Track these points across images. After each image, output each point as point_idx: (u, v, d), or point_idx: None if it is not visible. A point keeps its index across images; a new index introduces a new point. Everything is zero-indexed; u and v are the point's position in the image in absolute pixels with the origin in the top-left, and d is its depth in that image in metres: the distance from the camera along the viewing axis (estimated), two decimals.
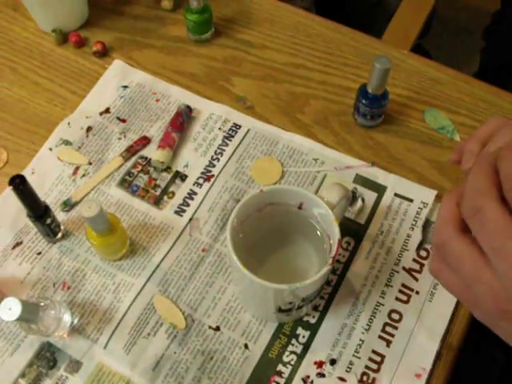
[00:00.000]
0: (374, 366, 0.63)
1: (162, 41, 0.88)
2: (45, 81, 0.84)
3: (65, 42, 0.88)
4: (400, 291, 0.67)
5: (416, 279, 0.68)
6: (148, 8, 0.92)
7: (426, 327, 0.65)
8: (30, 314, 0.57)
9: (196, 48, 0.87)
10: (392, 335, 0.65)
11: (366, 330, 0.65)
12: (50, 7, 0.85)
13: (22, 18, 0.91)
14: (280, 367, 0.63)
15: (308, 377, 0.62)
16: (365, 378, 0.62)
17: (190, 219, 0.72)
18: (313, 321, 0.66)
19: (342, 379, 0.62)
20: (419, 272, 0.68)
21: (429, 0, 1.07)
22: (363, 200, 0.73)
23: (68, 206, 0.73)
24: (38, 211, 0.64)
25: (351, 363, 0.63)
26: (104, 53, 0.86)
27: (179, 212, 0.72)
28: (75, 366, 0.63)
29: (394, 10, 1.11)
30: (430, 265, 0.39)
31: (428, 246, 0.70)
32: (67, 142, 0.78)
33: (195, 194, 0.74)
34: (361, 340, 0.64)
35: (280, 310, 0.61)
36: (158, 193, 0.74)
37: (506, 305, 0.34)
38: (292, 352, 0.64)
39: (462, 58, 1.75)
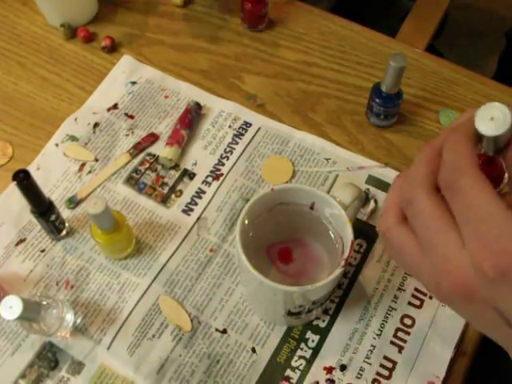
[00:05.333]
0: (386, 373, 0.61)
1: (172, 37, 0.87)
2: (52, 76, 0.83)
3: (73, 36, 0.86)
4: (413, 296, 0.65)
5: None
6: (158, 3, 0.90)
7: (439, 333, 0.63)
8: (32, 312, 0.56)
9: (207, 44, 0.86)
10: (404, 341, 0.63)
11: (377, 335, 0.63)
12: (59, 1, 0.84)
13: (31, 12, 0.90)
14: (288, 372, 0.61)
15: (317, 382, 0.60)
16: None
17: (198, 218, 0.70)
18: (323, 325, 0.64)
19: None
20: None
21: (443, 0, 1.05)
22: (376, 201, 0.71)
23: (73, 202, 0.71)
24: (42, 207, 0.63)
25: (362, 369, 0.61)
26: (113, 48, 0.85)
27: (187, 211, 0.71)
28: (77, 367, 0.61)
29: (408, 9, 1.09)
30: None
31: None
32: (74, 138, 0.76)
33: (203, 192, 0.72)
34: (372, 345, 0.62)
35: (289, 313, 0.59)
36: (165, 191, 0.72)
37: (443, 295, 0.36)
38: (301, 357, 0.62)
39: (474, 61, 1.72)
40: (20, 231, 0.69)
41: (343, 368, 0.61)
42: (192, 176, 0.73)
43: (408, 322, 0.64)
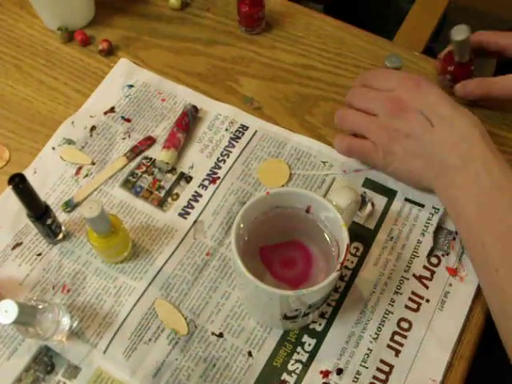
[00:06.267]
0: (382, 377, 0.61)
1: (169, 40, 0.87)
2: (49, 79, 0.83)
3: (70, 40, 0.86)
4: (410, 299, 0.65)
5: (426, 287, 0.66)
6: (155, 7, 0.91)
7: (436, 336, 0.63)
8: (27, 316, 0.56)
9: (203, 47, 0.86)
10: (401, 344, 0.62)
11: (374, 338, 0.63)
12: (57, 5, 0.84)
13: (28, 15, 0.90)
14: (285, 376, 0.61)
15: None
16: None
17: (195, 222, 0.70)
18: (319, 328, 0.64)
19: None
20: (430, 279, 0.66)
21: (441, 2, 1.05)
22: (373, 204, 0.71)
23: (70, 206, 0.71)
24: (38, 211, 0.63)
25: (358, 373, 0.61)
26: (110, 51, 0.85)
27: (183, 214, 0.71)
28: (73, 371, 0.61)
29: (405, 12, 1.09)
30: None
31: (439, 253, 0.68)
32: (70, 142, 0.76)
33: (200, 196, 0.72)
34: (369, 349, 0.62)
35: (285, 317, 0.59)
36: (162, 194, 0.72)
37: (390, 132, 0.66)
38: (297, 360, 0.62)
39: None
40: (16, 235, 0.69)
41: (340, 372, 0.61)
42: (189, 179, 0.73)
43: (405, 325, 0.64)
